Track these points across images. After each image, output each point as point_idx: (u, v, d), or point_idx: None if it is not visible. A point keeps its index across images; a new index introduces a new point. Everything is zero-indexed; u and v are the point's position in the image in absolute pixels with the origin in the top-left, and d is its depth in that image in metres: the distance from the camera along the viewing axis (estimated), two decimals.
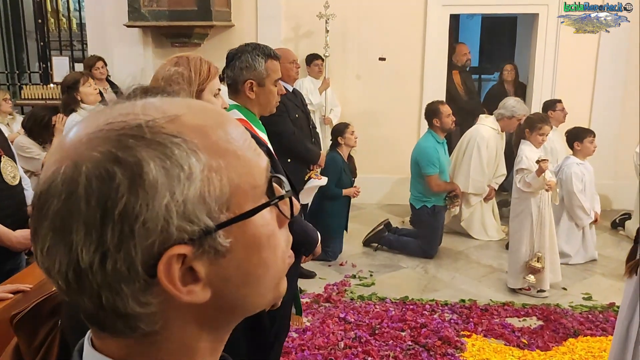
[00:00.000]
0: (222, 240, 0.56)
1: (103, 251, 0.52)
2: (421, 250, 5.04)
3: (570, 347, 3.59)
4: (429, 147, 4.99)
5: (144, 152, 0.53)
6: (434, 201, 5.06)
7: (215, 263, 0.56)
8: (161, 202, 0.52)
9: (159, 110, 0.57)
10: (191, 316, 0.58)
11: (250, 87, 2.32)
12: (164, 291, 0.54)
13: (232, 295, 0.59)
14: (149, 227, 0.52)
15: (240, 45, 2.46)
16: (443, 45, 6.40)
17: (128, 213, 0.52)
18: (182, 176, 0.54)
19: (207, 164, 0.55)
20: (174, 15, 5.99)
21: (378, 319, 3.87)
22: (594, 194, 5.04)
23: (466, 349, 3.54)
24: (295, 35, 6.45)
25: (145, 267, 0.53)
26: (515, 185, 4.27)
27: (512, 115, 5.26)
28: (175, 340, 0.59)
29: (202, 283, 0.56)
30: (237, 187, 0.57)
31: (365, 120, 6.23)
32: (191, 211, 0.54)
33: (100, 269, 0.53)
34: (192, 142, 0.55)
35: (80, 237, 0.52)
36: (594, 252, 5.00)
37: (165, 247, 0.53)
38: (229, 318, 0.62)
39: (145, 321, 0.56)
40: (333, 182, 4.79)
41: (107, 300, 0.54)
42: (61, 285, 0.56)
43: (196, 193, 0.54)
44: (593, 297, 4.27)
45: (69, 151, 0.55)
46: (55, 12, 8.14)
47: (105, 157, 0.53)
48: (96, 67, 5.78)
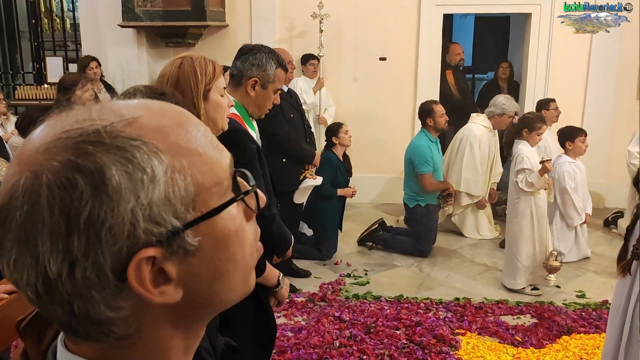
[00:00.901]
0: (190, 239, 0.56)
1: (71, 260, 0.52)
2: (415, 249, 5.06)
3: (563, 344, 3.62)
4: (423, 146, 5.01)
5: (104, 157, 0.52)
6: (428, 200, 5.08)
7: (185, 262, 0.56)
8: (126, 206, 0.52)
9: (116, 114, 0.56)
10: (164, 316, 0.58)
11: (253, 84, 2.35)
12: (136, 294, 0.54)
13: (203, 292, 0.59)
14: (116, 232, 0.52)
15: (257, 44, 2.51)
16: (436, 45, 6.42)
17: (93, 220, 0.51)
18: (146, 179, 0.53)
19: (169, 165, 0.55)
20: (168, 16, 5.99)
21: (373, 317, 3.89)
22: (586, 193, 5.07)
23: (461, 347, 3.56)
24: (290, 35, 6.46)
25: (114, 272, 0.53)
26: (514, 185, 4.28)
27: (502, 113, 5.30)
28: (149, 341, 0.59)
29: (174, 283, 0.56)
30: (202, 186, 0.57)
31: (360, 119, 6.25)
32: (157, 213, 0.54)
33: (69, 278, 0.52)
34: (152, 143, 0.55)
35: (46, 248, 0.52)
36: (586, 250, 5.03)
37: (133, 251, 0.53)
38: (201, 315, 0.62)
39: (119, 325, 0.56)
40: (328, 181, 4.80)
41: (79, 308, 0.54)
42: (31, 296, 0.55)
43: (161, 195, 0.54)
44: (586, 295, 4.30)
45: (27, 162, 0.54)
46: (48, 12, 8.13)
47: (65, 166, 0.52)
48: (90, 67, 5.78)
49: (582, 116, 6.28)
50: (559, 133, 5.01)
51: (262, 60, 2.38)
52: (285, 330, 3.70)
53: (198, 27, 6.17)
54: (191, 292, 0.58)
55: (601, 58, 6.20)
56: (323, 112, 6.12)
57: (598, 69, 6.23)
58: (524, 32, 6.57)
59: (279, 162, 4.22)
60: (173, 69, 1.86)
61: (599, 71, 6.23)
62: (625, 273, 2.34)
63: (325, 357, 3.40)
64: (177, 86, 1.83)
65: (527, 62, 6.42)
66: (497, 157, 5.58)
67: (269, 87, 2.39)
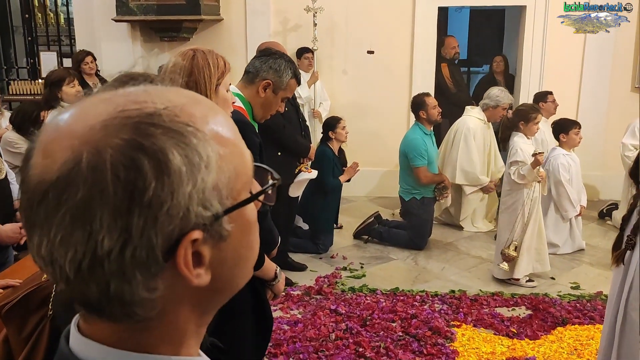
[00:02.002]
0: (226, 225, 0.58)
1: (125, 238, 0.52)
2: (411, 242, 5.07)
3: (558, 335, 3.64)
4: (417, 139, 5.02)
5: (164, 139, 0.54)
6: (423, 193, 5.09)
7: (217, 247, 0.59)
8: (185, 190, 0.54)
9: (166, 99, 0.58)
10: (188, 300, 0.60)
11: (265, 86, 2.41)
12: (172, 275, 0.56)
13: (225, 276, 0.62)
14: (172, 214, 0.54)
15: (280, 51, 2.62)
16: (431, 38, 6.42)
17: (155, 201, 0.53)
18: (202, 165, 0.55)
19: (219, 153, 0.57)
20: (162, 10, 5.97)
21: (369, 310, 3.90)
22: (581, 185, 5.09)
23: (456, 339, 3.58)
24: (284, 28, 6.44)
25: (163, 252, 0.54)
26: (508, 177, 4.30)
27: (496, 105, 5.31)
28: (167, 324, 0.60)
29: (205, 267, 0.58)
30: (239, 174, 0.60)
31: (355, 113, 6.25)
32: (208, 198, 0.56)
33: (118, 256, 0.53)
34: (203, 131, 0.57)
35: (104, 224, 0.52)
36: (581, 242, 5.06)
37: (183, 233, 0.55)
38: (218, 299, 0.64)
39: (146, 307, 0.57)
40: (329, 175, 4.81)
41: (116, 287, 0.54)
42: (67, 273, 0.54)
43: (213, 181, 0.56)
44: (581, 286, 4.32)
45: (82, 137, 0.54)
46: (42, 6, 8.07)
47: (129, 145, 0.53)
48: (85, 62, 5.76)
49: (577, 109, 6.29)
50: (553, 125, 5.02)
51: (280, 66, 2.45)
52: (282, 324, 3.71)
53: (192, 21, 6.15)
54: (216, 276, 0.60)
55: (596, 51, 6.21)
56: (318, 106, 6.12)
57: (592, 61, 6.24)
58: (519, 25, 6.57)
59: (274, 156, 4.22)
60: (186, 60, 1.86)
61: (593, 64, 6.24)
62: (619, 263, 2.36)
63: (321, 350, 3.41)
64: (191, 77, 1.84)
65: (522, 55, 6.43)
66: (496, 151, 5.58)
67: (279, 94, 2.46)
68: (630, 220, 2.36)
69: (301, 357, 3.35)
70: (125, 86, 0.60)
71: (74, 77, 4.32)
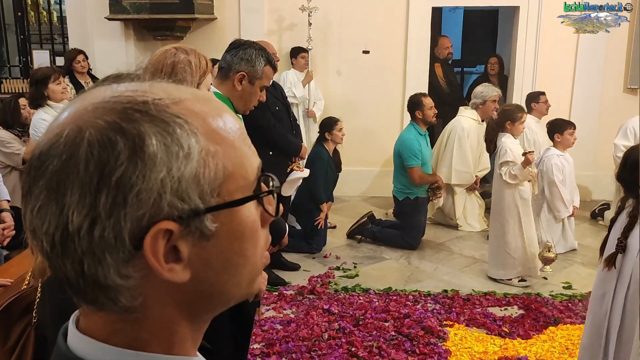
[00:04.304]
0: (209, 223, 0.57)
1: (94, 216, 0.53)
2: (404, 242, 5.08)
3: (550, 335, 3.66)
4: (411, 139, 5.02)
5: (147, 126, 0.55)
6: (417, 193, 5.09)
7: (199, 245, 0.58)
8: (157, 175, 0.54)
9: (166, 92, 0.59)
10: (170, 297, 0.59)
11: (241, 79, 2.36)
12: (146, 266, 0.56)
13: (210, 280, 0.60)
14: (142, 198, 0.54)
15: (249, 40, 2.54)
16: (425, 38, 6.43)
17: (124, 181, 0.53)
18: (181, 154, 0.55)
19: (205, 147, 0.57)
20: (156, 8, 5.95)
21: (362, 309, 3.90)
22: (574, 185, 5.11)
23: (448, 339, 3.59)
24: (279, 28, 6.44)
25: (132, 237, 0.54)
26: (499, 177, 4.31)
27: (484, 101, 5.34)
28: (155, 319, 0.60)
29: (184, 263, 0.58)
30: (230, 175, 0.59)
31: (348, 112, 6.25)
32: (184, 189, 0.55)
33: (87, 234, 0.54)
34: (193, 124, 0.57)
35: (74, 199, 0.53)
36: (573, 241, 5.08)
37: (154, 221, 0.55)
38: (206, 305, 0.63)
39: (126, 295, 0.57)
40: (321, 179, 4.81)
41: (89, 268, 0.55)
42: (45, 246, 0.56)
43: (192, 173, 0.56)
44: (573, 286, 4.34)
45: (74, 117, 0.56)
46: (35, 5, 8.04)
47: (110, 126, 0.54)
48: (77, 60, 5.74)
49: (570, 109, 6.32)
50: (547, 125, 5.04)
51: (251, 56, 2.40)
52: (274, 323, 3.71)
53: (186, 19, 6.14)
54: (198, 276, 0.59)
55: (588, 52, 6.23)
56: (312, 106, 6.12)
57: (585, 62, 6.27)
58: (512, 26, 6.59)
59: (266, 155, 4.21)
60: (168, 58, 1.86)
61: (586, 65, 6.27)
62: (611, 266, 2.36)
63: (314, 349, 3.41)
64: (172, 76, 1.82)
65: (515, 55, 6.45)
66: (484, 150, 5.60)
67: (255, 83, 2.41)
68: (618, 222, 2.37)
69: (294, 356, 3.34)
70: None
71: (60, 74, 4.30)
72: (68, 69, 5.74)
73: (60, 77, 4.26)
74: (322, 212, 4.87)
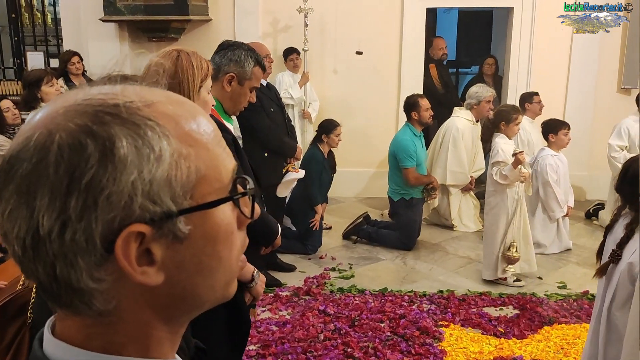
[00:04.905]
0: (182, 226, 0.57)
1: (64, 219, 0.53)
2: (400, 243, 5.09)
3: (545, 334, 3.67)
4: (407, 140, 5.03)
5: (117, 129, 0.55)
6: (412, 194, 5.10)
7: (172, 248, 0.58)
8: (128, 178, 0.54)
9: (138, 95, 0.59)
10: (144, 300, 0.59)
11: (230, 80, 2.35)
12: (118, 269, 0.55)
13: (183, 282, 0.60)
14: (113, 200, 0.53)
15: (237, 41, 2.53)
16: (420, 39, 6.44)
17: (94, 184, 0.53)
18: (152, 157, 0.55)
19: (177, 150, 0.57)
20: (150, 10, 5.95)
21: (357, 310, 3.91)
22: (568, 185, 5.13)
23: (444, 339, 3.59)
24: (274, 29, 6.44)
25: (103, 240, 0.54)
26: (491, 178, 4.32)
27: (479, 101, 5.36)
28: (130, 323, 0.59)
29: (157, 266, 0.57)
30: (203, 178, 0.59)
31: (344, 113, 6.25)
32: (156, 192, 0.55)
33: (58, 237, 0.53)
34: (165, 127, 0.57)
35: (44, 202, 0.53)
36: (568, 241, 5.09)
37: (125, 224, 0.54)
38: (180, 307, 0.63)
39: (99, 298, 0.57)
40: (316, 180, 4.81)
41: (61, 271, 0.55)
42: (17, 250, 0.56)
43: (163, 175, 0.56)
44: (568, 286, 4.35)
45: (45, 121, 0.56)
46: (29, 6, 8.02)
47: (80, 129, 0.54)
48: (72, 62, 5.73)
49: (564, 109, 6.34)
50: (542, 126, 5.06)
51: (240, 57, 2.39)
52: (270, 325, 3.71)
53: (181, 21, 6.13)
54: (172, 279, 0.59)
55: (582, 52, 6.26)
56: (307, 107, 6.12)
57: (579, 62, 6.29)
58: (507, 26, 6.61)
59: (261, 156, 4.22)
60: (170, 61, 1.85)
61: (580, 65, 6.29)
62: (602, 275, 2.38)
63: (309, 350, 3.41)
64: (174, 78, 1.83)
65: (510, 56, 6.46)
66: (479, 151, 5.62)
67: (245, 84, 2.39)
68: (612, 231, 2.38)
69: (290, 357, 3.34)
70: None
71: (52, 76, 4.28)
72: (63, 70, 5.74)
73: (53, 79, 4.25)
74: (316, 214, 4.88)
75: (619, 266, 2.26)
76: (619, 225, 2.34)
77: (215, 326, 2.05)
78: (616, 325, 2.25)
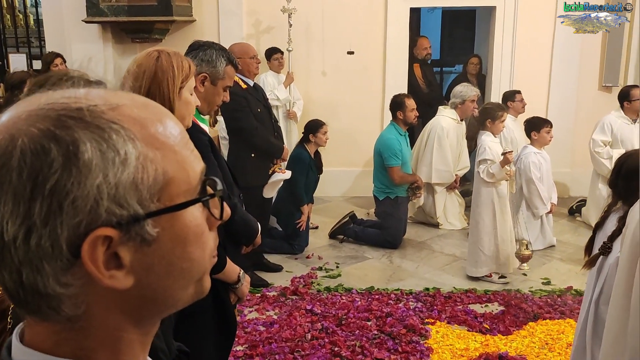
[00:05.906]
0: (149, 229, 0.57)
1: (29, 225, 0.53)
2: (386, 241, 5.11)
3: (530, 330, 3.71)
4: (392, 139, 5.06)
5: (82, 133, 0.54)
6: (397, 192, 5.13)
7: (141, 251, 0.57)
8: (93, 182, 0.53)
9: (102, 98, 0.58)
10: (114, 304, 0.59)
11: (202, 80, 2.33)
12: (86, 274, 0.55)
13: (154, 285, 0.60)
14: (78, 205, 0.53)
15: (208, 41, 2.50)
16: (404, 38, 6.46)
17: (59, 189, 0.52)
18: (117, 160, 0.55)
19: (143, 153, 0.57)
20: (133, 11, 5.91)
21: (344, 309, 3.92)
22: (552, 182, 5.18)
23: (430, 336, 3.62)
24: (257, 30, 6.44)
25: (69, 245, 0.54)
26: (477, 176, 4.36)
27: (463, 100, 5.40)
28: (100, 328, 0.59)
29: (125, 270, 0.57)
30: (171, 180, 0.58)
31: (328, 113, 6.26)
32: (122, 195, 0.55)
33: (23, 243, 0.53)
34: (130, 130, 0.57)
35: (7, 208, 0.53)
36: (552, 238, 5.15)
37: (91, 228, 0.54)
38: (152, 309, 0.62)
39: (68, 304, 0.56)
40: (302, 180, 4.82)
41: (28, 277, 0.54)
42: None
43: (129, 178, 0.55)
44: (552, 282, 4.40)
45: (7, 125, 0.55)
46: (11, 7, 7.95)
47: (43, 134, 0.54)
48: (55, 64, 5.67)
49: (547, 107, 6.40)
50: (525, 123, 5.11)
51: (212, 57, 2.36)
52: (257, 325, 3.72)
53: (164, 22, 6.11)
54: (141, 282, 0.58)
55: (564, 50, 6.32)
56: (292, 106, 6.12)
57: (561, 61, 6.36)
58: (489, 25, 6.67)
59: (248, 157, 4.23)
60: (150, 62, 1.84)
61: (561, 63, 6.36)
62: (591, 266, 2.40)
63: (297, 350, 3.42)
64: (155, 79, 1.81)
65: (493, 54, 6.52)
66: (464, 149, 5.66)
67: (218, 84, 2.37)
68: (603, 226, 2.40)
69: (277, 357, 3.35)
70: (63, 85, 0.61)
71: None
72: (46, 72, 5.69)
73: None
74: (302, 214, 4.89)
75: (609, 259, 2.28)
76: (609, 221, 2.36)
77: (202, 327, 2.05)
78: (603, 319, 2.28)
